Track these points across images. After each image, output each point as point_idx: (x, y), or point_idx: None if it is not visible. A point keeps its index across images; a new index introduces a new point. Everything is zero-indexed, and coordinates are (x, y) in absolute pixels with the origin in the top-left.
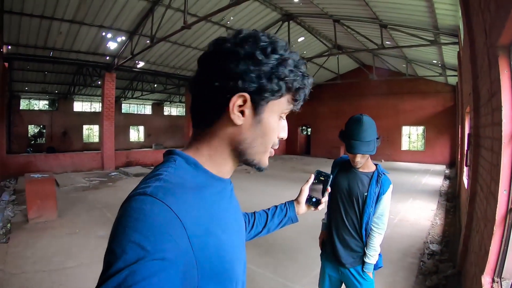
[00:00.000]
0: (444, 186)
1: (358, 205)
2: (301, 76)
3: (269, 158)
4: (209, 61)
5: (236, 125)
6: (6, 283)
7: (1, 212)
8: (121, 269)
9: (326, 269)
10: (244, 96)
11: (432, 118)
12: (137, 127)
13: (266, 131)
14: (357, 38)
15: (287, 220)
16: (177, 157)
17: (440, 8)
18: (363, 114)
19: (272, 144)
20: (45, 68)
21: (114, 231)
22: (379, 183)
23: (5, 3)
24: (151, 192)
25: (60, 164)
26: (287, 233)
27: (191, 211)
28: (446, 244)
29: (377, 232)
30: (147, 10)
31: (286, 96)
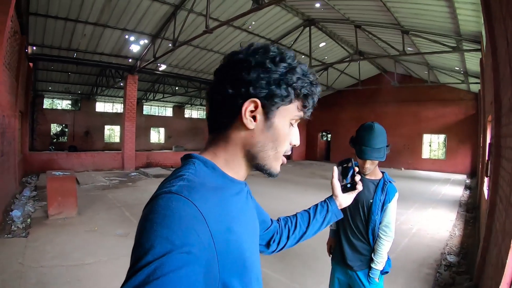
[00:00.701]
0: (465, 196)
1: (363, 212)
2: (309, 84)
3: (288, 163)
4: (224, 71)
5: (249, 129)
6: (24, 276)
7: (22, 207)
8: (150, 262)
9: (335, 273)
10: (255, 101)
11: (453, 126)
12: (158, 129)
13: (277, 136)
14: (379, 44)
15: (331, 215)
16: (196, 160)
17: (463, 14)
18: (374, 122)
19: (283, 150)
20: (68, 69)
21: (142, 227)
22: (384, 190)
23: (31, 5)
24: (177, 190)
25: (81, 162)
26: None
27: (213, 209)
28: (464, 255)
29: (386, 239)
30: (169, 14)
31: (295, 102)
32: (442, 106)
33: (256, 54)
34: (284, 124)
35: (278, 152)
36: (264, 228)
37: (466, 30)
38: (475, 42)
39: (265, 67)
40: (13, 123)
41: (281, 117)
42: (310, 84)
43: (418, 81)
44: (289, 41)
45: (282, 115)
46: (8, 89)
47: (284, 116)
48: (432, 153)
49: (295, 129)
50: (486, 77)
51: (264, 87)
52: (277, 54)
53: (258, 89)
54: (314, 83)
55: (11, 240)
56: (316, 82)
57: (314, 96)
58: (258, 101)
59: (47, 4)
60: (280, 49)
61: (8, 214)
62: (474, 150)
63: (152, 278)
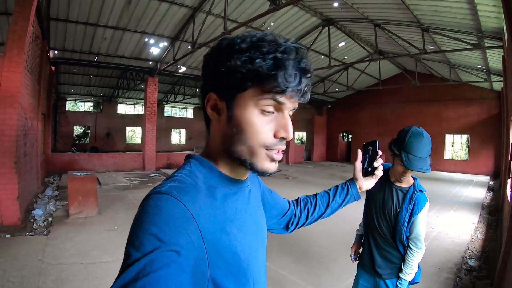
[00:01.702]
0: (487, 199)
1: (390, 220)
2: (267, 61)
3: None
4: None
5: (219, 123)
6: (44, 273)
7: (44, 206)
8: (139, 258)
9: (360, 279)
10: (211, 94)
11: (476, 126)
12: (178, 130)
13: (242, 127)
14: (399, 42)
15: (349, 198)
16: (193, 161)
17: (483, 10)
18: (421, 128)
19: (261, 143)
20: (90, 72)
21: (133, 226)
22: (413, 200)
23: (51, 10)
24: (166, 190)
25: (102, 163)
26: (323, 241)
27: (204, 209)
28: (485, 260)
29: (416, 251)
30: (188, 17)
31: (257, 87)
32: (464, 106)
33: (212, 48)
34: (247, 113)
35: (250, 146)
36: (281, 214)
37: (487, 27)
38: (497, 39)
39: (216, 57)
40: (35, 125)
41: (241, 107)
42: (271, 61)
43: (439, 80)
44: (308, 41)
45: (241, 104)
46: (30, 92)
47: (245, 104)
48: (454, 154)
49: (280, 119)
50: (508, 75)
51: (215, 78)
52: (227, 41)
53: (210, 81)
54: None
55: (32, 237)
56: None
57: (278, 74)
58: (212, 94)
59: (67, 9)
60: (239, 36)
61: (31, 212)
62: (498, 151)
63: (142, 274)
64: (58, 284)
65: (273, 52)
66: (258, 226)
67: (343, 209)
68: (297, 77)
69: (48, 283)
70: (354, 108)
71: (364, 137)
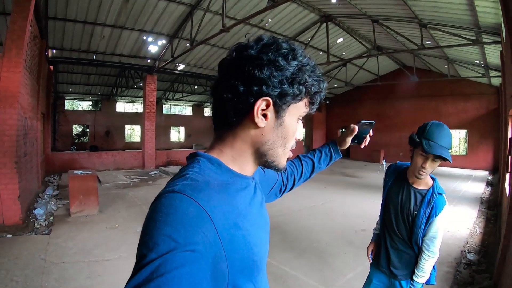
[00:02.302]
0: (486, 193)
1: (408, 223)
2: (317, 81)
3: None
4: (233, 67)
5: (259, 127)
6: (47, 271)
7: (45, 205)
8: (154, 259)
9: (374, 279)
10: (268, 100)
11: (475, 121)
12: (177, 128)
13: (287, 133)
14: (397, 38)
15: (332, 162)
16: (201, 158)
17: (481, 5)
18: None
19: (291, 146)
20: (88, 71)
21: (146, 226)
22: (431, 203)
23: (49, 9)
24: (179, 189)
25: (102, 162)
26: (323, 237)
27: (218, 206)
28: (485, 254)
29: (428, 255)
30: (186, 14)
31: (304, 99)
32: (462, 101)
33: (268, 51)
34: (293, 121)
35: (286, 149)
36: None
37: (485, 22)
38: (495, 34)
39: (278, 65)
40: (35, 124)
41: (291, 115)
42: (318, 81)
43: (438, 75)
44: (306, 37)
45: (292, 112)
46: (29, 92)
47: (294, 114)
48: (453, 149)
49: (300, 124)
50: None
51: (277, 86)
52: (289, 51)
53: (270, 88)
54: (321, 80)
55: (34, 237)
56: (323, 78)
57: (322, 93)
58: (270, 100)
59: (65, 8)
60: (291, 45)
61: (32, 212)
62: (496, 146)
63: (155, 275)
64: (61, 282)
65: (316, 73)
66: (264, 218)
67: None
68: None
69: (51, 282)
70: (353, 104)
71: None
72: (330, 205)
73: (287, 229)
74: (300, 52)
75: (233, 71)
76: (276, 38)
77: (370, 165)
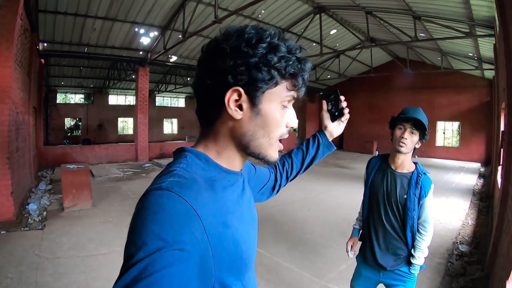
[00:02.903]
0: (478, 185)
1: (398, 209)
2: (295, 61)
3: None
4: (202, 63)
5: (236, 119)
6: (41, 267)
7: (38, 200)
8: (142, 259)
9: (363, 271)
10: (238, 90)
11: (468, 113)
12: (170, 120)
13: (267, 122)
14: (390, 30)
15: (323, 148)
16: (188, 154)
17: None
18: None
19: (279, 134)
20: (80, 64)
21: (133, 224)
22: (418, 184)
23: (39, 2)
24: (167, 186)
25: (95, 155)
26: (317, 228)
27: (206, 204)
28: (476, 245)
29: (425, 235)
30: (178, 5)
31: (283, 83)
32: (456, 93)
33: (229, 39)
34: (273, 108)
35: (271, 139)
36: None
37: (479, 15)
38: (489, 27)
39: (241, 52)
40: (27, 119)
41: (269, 102)
42: (297, 62)
43: (431, 67)
44: (299, 28)
45: (270, 99)
46: (20, 86)
47: (272, 100)
48: (446, 141)
49: (290, 111)
50: (499, 63)
51: (244, 74)
52: (253, 35)
53: (237, 77)
54: (301, 60)
55: (28, 232)
56: (304, 58)
57: (303, 74)
58: (240, 89)
59: (55, 1)
60: (257, 28)
61: (25, 207)
62: (489, 138)
63: (144, 275)
64: (55, 278)
65: (294, 52)
66: (252, 215)
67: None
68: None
69: (45, 277)
70: (346, 95)
71: (357, 124)
72: (323, 197)
73: (280, 220)
74: (268, 33)
75: (203, 67)
76: (244, 26)
77: (363, 157)
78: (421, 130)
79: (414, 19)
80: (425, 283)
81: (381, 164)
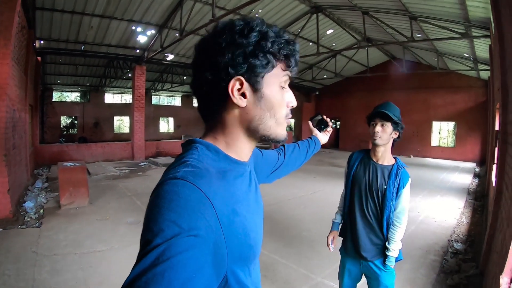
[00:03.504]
0: (473, 184)
1: (378, 199)
2: (285, 43)
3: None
4: (199, 61)
5: (241, 107)
6: (39, 264)
7: (34, 198)
8: (159, 244)
9: (346, 264)
10: (239, 79)
11: (463, 113)
12: (167, 119)
13: (272, 103)
14: (387, 30)
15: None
16: (199, 145)
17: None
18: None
19: (283, 115)
20: (76, 62)
21: (150, 212)
22: (398, 176)
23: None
24: (182, 176)
25: (91, 153)
26: (313, 226)
27: (218, 192)
28: (471, 243)
29: (399, 226)
30: (176, 4)
31: (278, 65)
32: (451, 93)
33: (223, 34)
34: (274, 90)
35: (278, 119)
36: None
37: (475, 16)
38: (484, 28)
39: (236, 43)
40: (23, 116)
41: (270, 85)
42: (286, 43)
43: (427, 68)
44: (296, 28)
45: (270, 82)
46: (17, 84)
47: (272, 83)
48: (441, 141)
49: (288, 91)
50: (495, 64)
51: (242, 63)
52: (244, 26)
53: (237, 67)
54: (290, 41)
55: (25, 230)
56: (291, 39)
57: (294, 53)
58: (241, 78)
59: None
60: (244, 20)
61: (21, 205)
62: (484, 138)
63: (161, 259)
64: (53, 274)
65: (282, 36)
66: (259, 204)
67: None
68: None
69: (43, 274)
70: (342, 94)
71: (353, 123)
72: (319, 195)
73: (277, 218)
74: (257, 22)
75: (200, 65)
76: (230, 19)
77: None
78: (391, 121)
79: (411, 20)
80: (420, 279)
81: (363, 158)
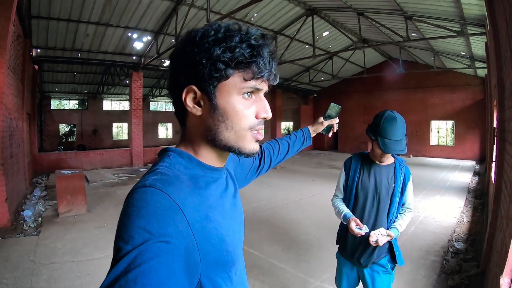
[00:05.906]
0: (473, 183)
1: (386, 198)
2: (245, 49)
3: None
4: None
5: (198, 116)
6: (36, 273)
7: (33, 206)
8: (130, 251)
9: (344, 268)
10: (191, 88)
11: (461, 112)
12: (165, 125)
13: (226, 114)
14: (383, 30)
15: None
16: (171, 153)
17: None
18: (394, 111)
19: (247, 126)
20: (74, 69)
21: (121, 221)
22: (402, 171)
23: (32, 8)
24: (150, 183)
25: (90, 161)
26: (311, 229)
27: (188, 199)
28: (472, 242)
29: (411, 212)
30: (171, 10)
31: (237, 74)
32: (449, 92)
33: (180, 42)
34: (231, 100)
35: (238, 131)
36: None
37: (470, 14)
38: (480, 25)
39: (186, 52)
40: (21, 125)
41: (224, 95)
42: (248, 49)
43: (424, 67)
44: (292, 31)
45: (225, 92)
46: (14, 92)
47: (229, 92)
48: (440, 140)
49: (259, 101)
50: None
51: (192, 72)
52: (199, 33)
53: (187, 76)
54: (255, 46)
55: (23, 238)
56: (259, 44)
57: (257, 61)
58: (193, 87)
59: (48, 7)
60: (211, 25)
61: (20, 214)
62: (483, 136)
63: (133, 265)
64: (51, 283)
65: (247, 41)
66: (238, 210)
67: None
68: (270, 61)
69: (41, 282)
70: (340, 96)
71: (351, 125)
72: (318, 198)
73: (275, 222)
74: (213, 28)
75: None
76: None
77: None
78: None
79: (406, 19)
80: (420, 281)
81: (364, 162)
